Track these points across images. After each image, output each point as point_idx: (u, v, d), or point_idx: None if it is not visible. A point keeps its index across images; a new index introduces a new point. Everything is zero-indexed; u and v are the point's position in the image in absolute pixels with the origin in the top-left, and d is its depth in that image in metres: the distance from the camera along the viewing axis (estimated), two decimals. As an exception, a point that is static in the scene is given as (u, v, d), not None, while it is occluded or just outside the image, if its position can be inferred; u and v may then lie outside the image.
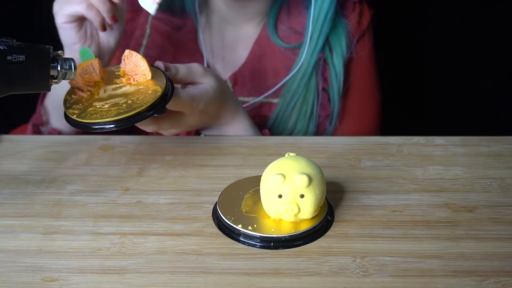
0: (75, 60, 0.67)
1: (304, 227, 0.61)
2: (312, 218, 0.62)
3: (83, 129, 0.67)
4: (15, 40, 0.65)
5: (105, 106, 0.68)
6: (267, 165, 0.63)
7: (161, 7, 0.97)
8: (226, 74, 0.98)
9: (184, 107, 0.74)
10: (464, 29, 1.24)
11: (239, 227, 0.61)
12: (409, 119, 1.24)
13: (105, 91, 0.70)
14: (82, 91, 0.70)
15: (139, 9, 0.98)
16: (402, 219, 0.64)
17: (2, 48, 0.60)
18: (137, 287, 0.56)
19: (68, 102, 0.70)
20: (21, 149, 0.79)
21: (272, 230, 0.61)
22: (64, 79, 0.66)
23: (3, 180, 0.72)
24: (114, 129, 0.66)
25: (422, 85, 1.32)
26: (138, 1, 0.77)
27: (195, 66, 0.76)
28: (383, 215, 0.65)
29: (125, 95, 0.69)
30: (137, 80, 0.71)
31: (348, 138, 0.82)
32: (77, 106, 0.69)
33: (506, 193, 0.69)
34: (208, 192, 0.69)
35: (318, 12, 0.92)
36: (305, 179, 0.59)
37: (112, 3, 0.78)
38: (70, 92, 0.71)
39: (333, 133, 0.96)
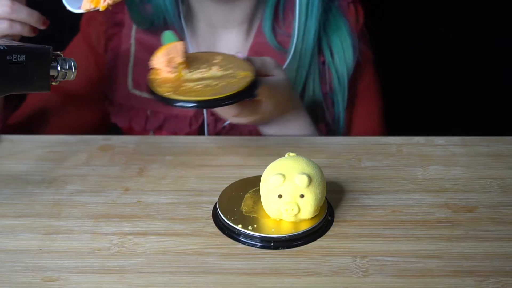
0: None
1: (304, 227, 0.61)
2: (312, 218, 0.62)
3: (179, 106, 0.69)
4: (15, 40, 0.65)
5: (198, 87, 0.69)
6: (267, 165, 0.63)
7: (142, 25, 0.95)
8: None
9: (263, 95, 0.75)
10: (464, 29, 1.24)
11: (239, 227, 0.61)
12: (409, 119, 1.24)
13: (191, 74, 0.72)
14: (166, 71, 0.71)
15: (122, 22, 0.96)
16: (402, 219, 0.64)
17: (2, 48, 0.60)
18: (137, 287, 0.56)
19: (154, 82, 0.71)
20: (21, 149, 0.79)
21: (272, 230, 0.61)
22: (64, 79, 0.66)
23: (3, 180, 0.72)
24: (205, 108, 0.70)
25: (422, 85, 1.32)
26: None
27: (268, 59, 0.79)
28: (383, 215, 0.65)
29: (214, 78, 0.71)
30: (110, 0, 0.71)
31: (348, 138, 0.82)
32: (167, 85, 0.70)
33: (506, 193, 0.69)
34: (208, 192, 0.69)
35: (306, 4, 0.89)
36: (305, 179, 0.59)
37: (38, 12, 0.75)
38: (154, 73, 0.72)
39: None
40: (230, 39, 0.96)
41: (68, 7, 0.72)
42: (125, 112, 0.97)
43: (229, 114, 0.77)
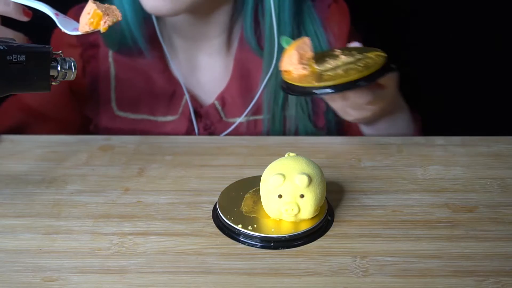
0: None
1: (304, 227, 0.61)
2: (312, 218, 0.62)
3: (327, 92, 0.67)
4: (15, 40, 0.65)
5: (340, 72, 0.68)
6: (267, 165, 0.63)
7: (113, 47, 0.91)
8: (211, 96, 0.94)
9: (387, 79, 0.74)
10: (464, 28, 1.24)
11: (239, 227, 0.61)
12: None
13: (324, 66, 0.70)
14: (299, 69, 0.70)
15: (97, 43, 0.93)
16: (402, 219, 0.64)
17: (2, 48, 0.60)
18: (137, 287, 0.56)
19: (292, 81, 0.69)
20: (21, 149, 0.79)
21: (272, 230, 0.61)
22: (64, 79, 0.66)
23: (3, 180, 0.72)
24: (359, 86, 0.67)
25: (422, 85, 1.32)
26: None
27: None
28: (383, 215, 0.65)
29: (349, 63, 0.70)
30: (109, 21, 0.70)
31: (348, 138, 0.82)
32: (308, 79, 0.68)
33: (506, 193, 0.69)
34: (208, 192, 0.69)
35: (278, 9, 0.87)
36: (305, 179, 0.59)
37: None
38: (286, 74, 0.70)
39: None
40: (212, 51, 0.93)
41: (63, 30, 0.70)
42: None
43: (364, 99, 0.74)
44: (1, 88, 0.61)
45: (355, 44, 0.76)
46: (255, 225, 0.61)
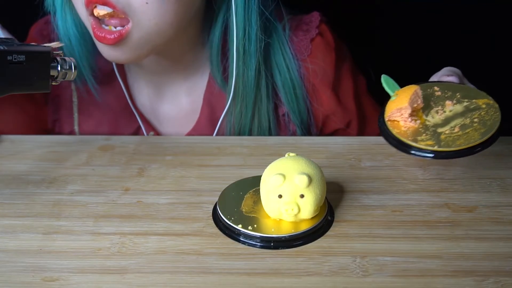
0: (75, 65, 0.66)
1: (304, 227, 0.61)
2: (312, 218, 0.62)
3: (455, 157, 0.63)
4: (15, 40, 0.65)
5: (455, 130, 0.64)
6: (267, 165, 0.63)
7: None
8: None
9: None
10: (463, 28, 1.24)
11: (239, 227, 0.61)
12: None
13: (432, 116, 0.67)
14: (409, 121, 0.66)
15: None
16: (402, 219, 0.64)
17: (2, 48, 0.60)
18: (137, 287, 0.56)
19: (400, 135, 0.65)
20: (21, 149, 0.79)
21: (272, 230, 0.61)
22: (64, 79, 0.66)
23: (3, 180, 0.72)
24: (474, 153, 0.63)
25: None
26: None
27: (457, 70, 0.75)
28: (383, 215, 0.65)
29: (459, 115, 0.66)
30: None
31: (348, 138, 0.82)
32: (422, 137, 0.64)
33: (506, 193, 0.69)
34: (208, 192, 0.69)
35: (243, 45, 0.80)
36: (305, 179, 0.59)
37: None
38: (391, 124, 0.67)
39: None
40: (179, 86, 0.89)
41: None
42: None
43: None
44: (1, 88, 0.61)
45: (451, 79, 0.71)
46: (255, 225, 0.61)
